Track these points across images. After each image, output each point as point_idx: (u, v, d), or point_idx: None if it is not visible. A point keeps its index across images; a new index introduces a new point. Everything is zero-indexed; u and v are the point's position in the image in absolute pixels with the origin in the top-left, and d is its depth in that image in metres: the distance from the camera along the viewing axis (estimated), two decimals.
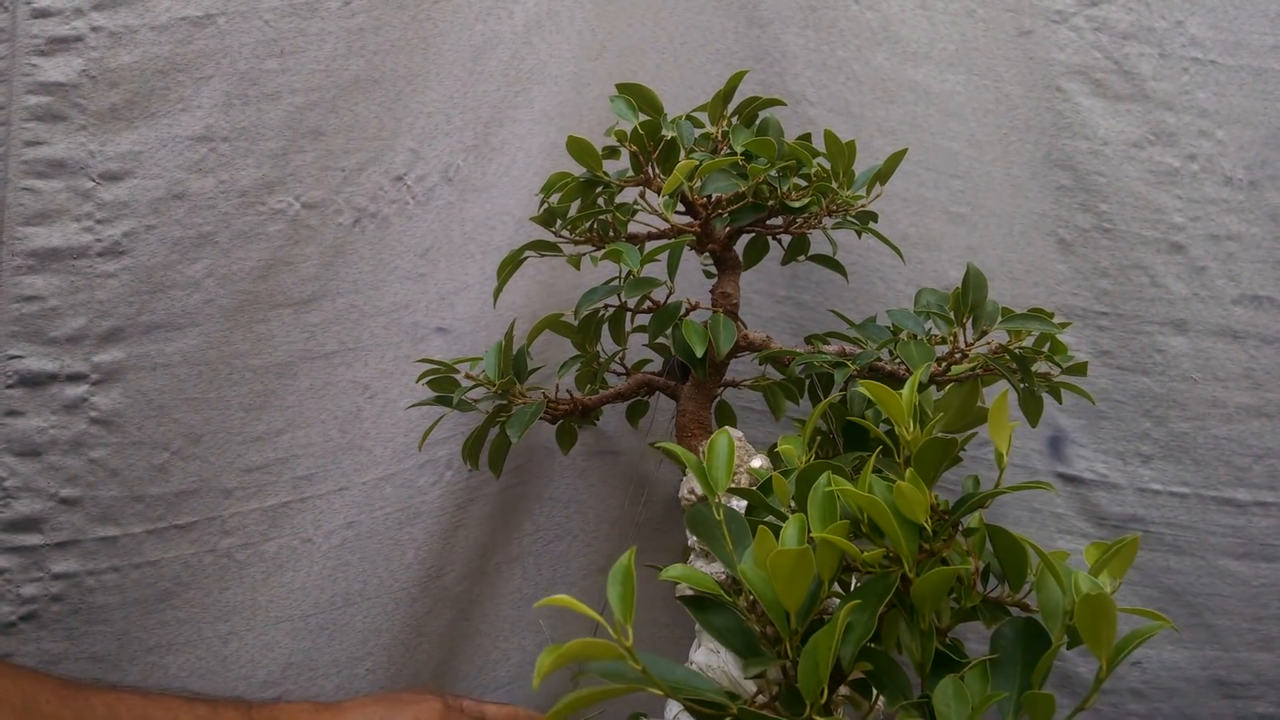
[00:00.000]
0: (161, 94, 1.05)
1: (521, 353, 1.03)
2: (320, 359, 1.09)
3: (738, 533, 0.74)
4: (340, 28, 1.10)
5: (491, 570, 1.19)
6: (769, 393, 1.06)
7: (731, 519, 0.74)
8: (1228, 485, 1.27)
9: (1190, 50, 1.23)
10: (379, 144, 1.12)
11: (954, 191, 1.25)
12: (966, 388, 0.96)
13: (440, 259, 1.14)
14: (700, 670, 0.85)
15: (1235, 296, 1.25)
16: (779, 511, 0.75)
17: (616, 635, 0.61)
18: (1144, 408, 1.27)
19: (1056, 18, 1.22)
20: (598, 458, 1.21)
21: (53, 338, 1.03)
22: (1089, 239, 1.25)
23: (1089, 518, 1.28)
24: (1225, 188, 1.24)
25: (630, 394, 1.06)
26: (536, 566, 1.21)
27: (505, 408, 1.01)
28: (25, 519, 1.03)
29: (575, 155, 0.94)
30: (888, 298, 1.26)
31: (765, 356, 1.00)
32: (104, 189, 1.04)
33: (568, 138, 0.93)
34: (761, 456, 0.93)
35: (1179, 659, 1.30)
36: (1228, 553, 1.27)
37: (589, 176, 0.96)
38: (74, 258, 1.04)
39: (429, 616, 1.18)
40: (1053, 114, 1.23)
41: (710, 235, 0.98)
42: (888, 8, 1.22)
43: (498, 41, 1.16)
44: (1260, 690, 1.30)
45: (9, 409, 1.03)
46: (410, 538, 1.15)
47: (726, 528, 0.73)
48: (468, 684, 1.20)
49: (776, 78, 1.22)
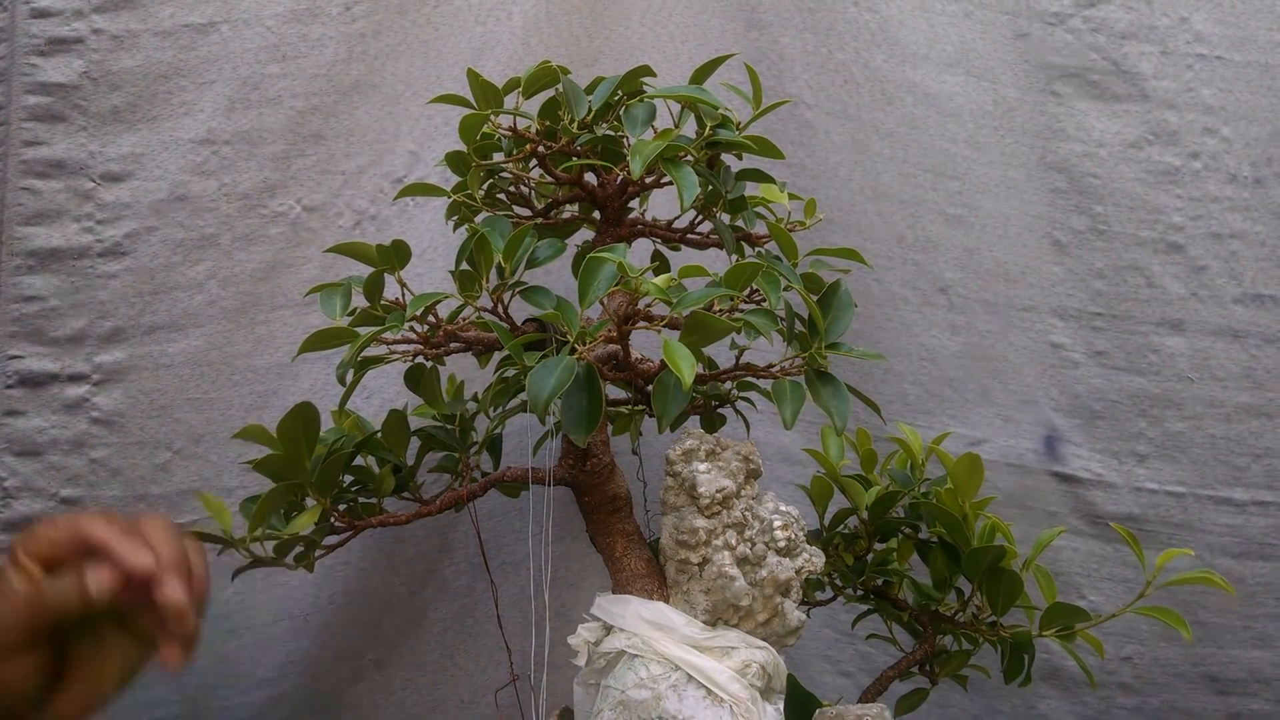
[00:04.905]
0: (164, 98, 1.03)
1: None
2: (321, 360, 1.06)
3: None
4: (341, 33, 1.07)
5: (493, 570, 1.17)
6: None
7: None
8: (1225, 484, 1.23)
9: (1195, 47, 1.18)
10: (379, 147, 1.10)
11: (950, 193, 1.21)
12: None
13: (438, 259, 1.11)
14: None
15: (1237, 295, 1.21)
16: None
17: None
18: (1139, 407, 1.23)
19: (1054, 20, 1.18)
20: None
21: (53, 338, 1.02)
22: (1084, 240, 1.21)
23: (1084, 516, 1.25)
24: (1229, 185, 1.19)
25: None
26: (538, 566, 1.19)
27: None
28: (25, 519, 1.01)
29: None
30: (883, 299, 1.22)
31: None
32: (104, 190, 1.02)
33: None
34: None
35: (1171, 655, 1.26)
36: (1225, 551, 1.23)
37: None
38: (74, 258, 1.02)
39: (430, 609, 1.16)
40: (1048, 117, 1.19)
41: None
42: (887, 10, 1.18)
43: (496, 44, 1.13)
44: (1255, 688, 1.27)
45: (9, 409, 1.01)
46: (409, 534, 1.13)
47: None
48: (469, 683, 1.18)
49: (775, 80, 1.18)
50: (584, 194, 0.88)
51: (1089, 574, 1.25)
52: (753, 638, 0.81)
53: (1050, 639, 0.87)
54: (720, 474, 0.81)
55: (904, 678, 0.93)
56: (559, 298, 0.76)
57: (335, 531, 0.84)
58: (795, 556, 0.82)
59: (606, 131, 0.83)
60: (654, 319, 0.76)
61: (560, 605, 0.84)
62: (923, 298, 1.22)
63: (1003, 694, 1.15)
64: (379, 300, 0.80)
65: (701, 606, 0.81)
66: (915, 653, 0.92)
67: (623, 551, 0.86)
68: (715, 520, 0.80)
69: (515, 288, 0.79)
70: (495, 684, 1.00)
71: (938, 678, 0.93)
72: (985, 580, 0.85)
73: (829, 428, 0.93)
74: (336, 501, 0.85)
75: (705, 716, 0.77)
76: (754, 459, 0.83)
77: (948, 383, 1.23)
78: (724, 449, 0.83)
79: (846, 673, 1.25)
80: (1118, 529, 0.89)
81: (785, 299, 0.76)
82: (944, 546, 0.89)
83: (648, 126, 0.81)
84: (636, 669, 0.80)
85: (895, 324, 1.22)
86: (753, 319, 0.74)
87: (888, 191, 1.20)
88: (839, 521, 0.94)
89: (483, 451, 0.93)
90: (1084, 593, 1.24)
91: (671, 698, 0.78)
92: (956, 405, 1.23)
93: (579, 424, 0.71)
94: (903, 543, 0.93)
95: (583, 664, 0.84)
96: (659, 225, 0.93)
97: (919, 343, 1.23)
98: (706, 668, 0.79)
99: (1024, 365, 1.23)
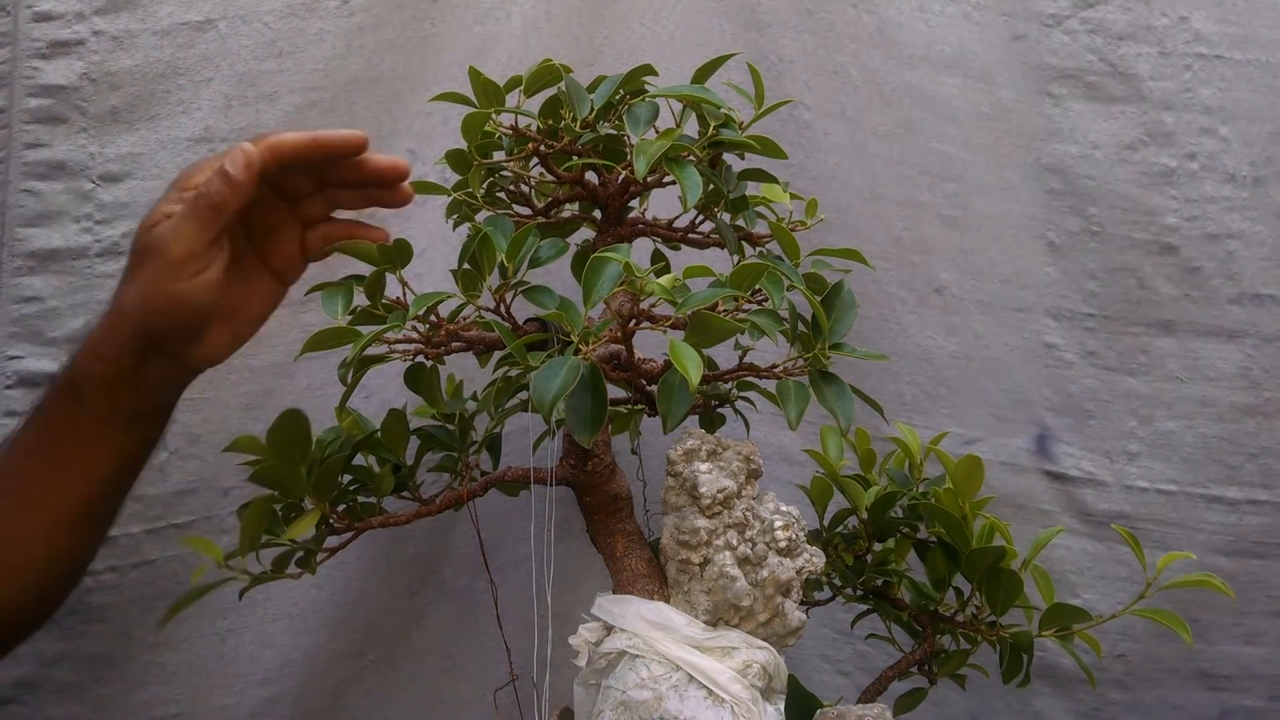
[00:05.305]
0: (162, 97, 1.02)
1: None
2: (318, 359, 1.04)
3: None
4: (339, 27, 1.06)
5: (493, 570, 1.17)
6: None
7: None
8: (1218, 483, 1.23)
9: (1194, 46, 1.17)
10: (377, 143, 1.05)
11: (947, 195, 1.21)
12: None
13: (437, 259, 1.10)
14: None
15: (1233, 296, 1.21)
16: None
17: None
18: (1129, 407, 1.23)
19: (1051, 21, 1.17)
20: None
21: (52, 338, 1.00)
22: (1078, 242, 1.21)
23: (1075, 514, 1.25)
24: (1227, 185, 1.19)
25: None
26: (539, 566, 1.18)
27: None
28: None
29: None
30: (880, 299, 1.22)
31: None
32: (104, 190, 1.01)
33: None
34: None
35: (1163, 651, 1.26)
36: (1217, 549, 1.23)
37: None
38: (73, 258, 1.01)
39: (430, 609, 1.15)
40: (1044, 118, 1.19)
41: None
42: (885, 11, 1.18)
43: (496, 43, 1.11)
44: (1248, 684, 1.27)
45: (8, 409, 1.00)
46: (409, 532, 1.12)
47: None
48: (469, 683, 1.17)
49: (775, 80, 1.17)
50: (585, 193, 0.87)
51: (1081, 572, 1.25)
52: (754, 638, 0.81)
53: (1049, 639, 0.87)
54: (721, 474, 0.80)
55: (903, 677, 0.92)
56: (562, 297, 0.76)
57: (335, 533, 0.84)
58: (796, 557, 0.82)
59: (608, 130, 0.83)
60: (657, 319, 0.76)
61: (561, 605, 0.83)
62: (919, 298, 1.22)
63: (998, 692, 1.14)
64: (380, 299, 0.79)
65: (702, 607, 0.80)
66: (914, 653, 0.92)
67: (623, 551, 0.85)
68: (716, 520, 0.80)
69: (518, 287, 0.78)
70: (495, 684, 1.00)
71: (936, 677, 0.93)
72: (985, 580, 0.85)
73: (828, 428, 0.93)
74: (336, 502, 0.84)
75: (707, 717, 0.77)
76: (755, 459, 0.83)
77: (944, 383, 1.23)
78: (725, 449, 0.82)
79: (846, 673, 1.25)
80: (1119, 530, 0.89)
81: (789, 299, 0.76)
82: (943, 547, 0.89)
83: (650, 126, 0.81)
84: (637, 669, 0.79)
85: (892, 324, 1.22)
86: (757, 319, 0.73)
87: (885, 193, 1.20)
88: (839, 522, 0.93)
89: (482, 451, 0.92)
90: (1077, 590, 1.24)
91: (673, 698, 0.77)
92: (952, 405, 1.23)
93: (584, 425, 0.71)
94: (900, 542, 0.93)
95: (583, 664, 0.83)
96: (660, 224, 0.92)
97: (915, 343, 1.23)
98: (708, 668, 0.78)
99: (1018, 365, 1.23)
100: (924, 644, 0.91)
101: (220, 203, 0.70)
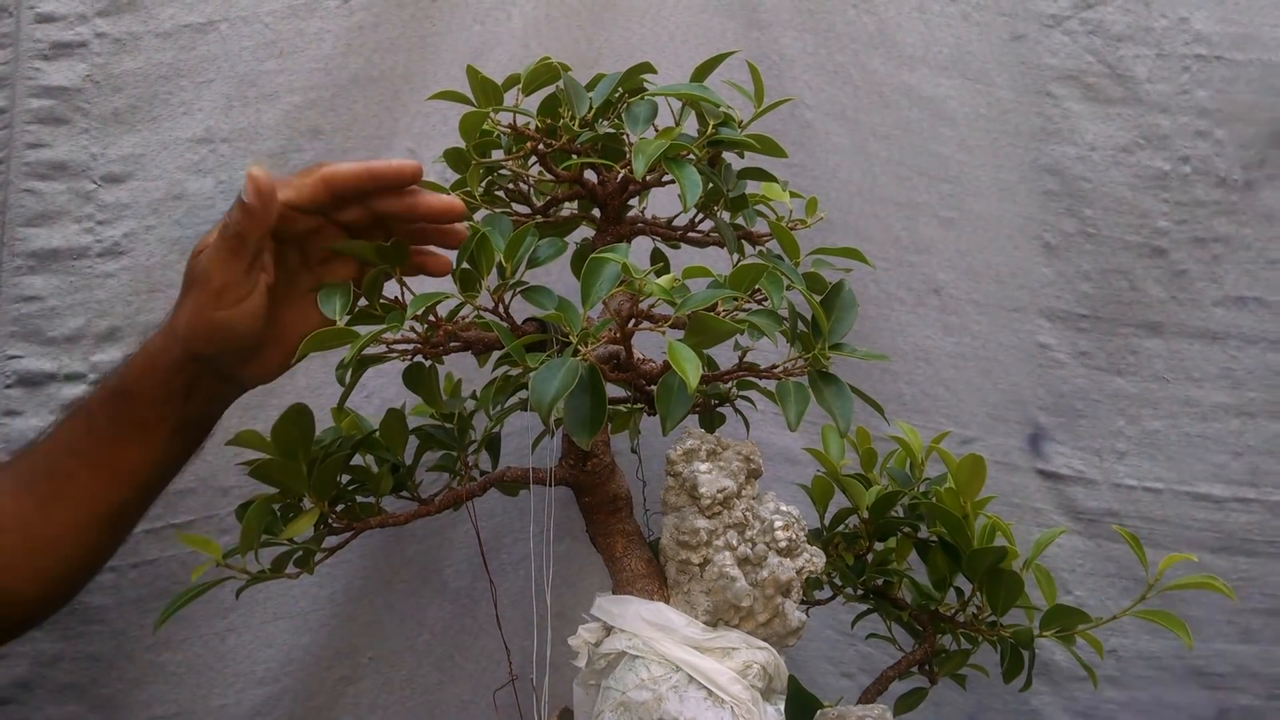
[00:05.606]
0: (164, 98, 1.02)
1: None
2: (318, 358, 1.03)
3: None
4: (339, 26, 1.06)
5: (493, 570, 1.16)
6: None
7: None
8: (1204, 481, 1.24)
9: (1194, 47, 1.17)
10: (377, 143, 1.08)
11: (944, 195, 1.20)
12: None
13: None
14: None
15: (1217, 298, 1.21)
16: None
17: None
18: (1118, 406, 1.23)
19: (1050, 22, 1.17)
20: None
21: (51, 337, 1.00)
22: (1073, 243, 1.21)
23: (1066, 512, 1.25)
24: (1218, 189, 1.19)
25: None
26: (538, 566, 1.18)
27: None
28: None
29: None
30: (879, 299, 1.21)
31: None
32: (105, 191, 1.00)
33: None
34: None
35: (1155, 649, 1.26)
36: (1205, 546, 1.24)
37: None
38: (74, 258, 1.00)
39: (430, 609, 1.15)
40: (1042, 119, 1.19)
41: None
42: (885, 12, 1.17)
43: (496, 43, 1.11)
44: (1243, 682, 1.27)
45: (8, 409, 0.99)
46: (408, 532, 1.12)
47: None
48: (469, 683, 1.17)
49: (775, 80, 1.16)
50: (584, 192, 0.86)
51: (1074, 569, 1.25)
52: (754, 638, 0.80)
53: (1050, 639, 0.87)
54: (721, 474, 0.79)
55: (903, 677, 0.92)
56: (560, 298, 0.75)
57: (334, 533, 0.83)
58: (796, 557, 0.81)
59: (607, 129, 0.82)
60: (657, 320, 0.75)
61: (560, 606, 0.82)
62: (917, 298, 1.22)
63: (996, 690, 1.14)
64: (378, 299, 0.78)
65: (702, 607, 0.79)
66: (915, 653, 0.91)
67: (623, 552, 0.84)
68: (716, 520, 0.79)
69: (516, 287, 0.77)
70: (494, 684, 0.99)
71: (937, 677, 0.92)
72: (986, 580, 0.84)
73: (829, 427, 0.92)
74: (335, 502, 0.83)
75: (707, 718, 0.76)
76: (755, 459, 0.82)
77: (941, 382, 1.23)
78: (725, 449, 0.82)
79: (847, 673, 1.25)
80: (1120, 532, 0.88)
81: (789, 299, 0.75)
82: (944, 546, 0.88)
83: (649, 124, 0.80)
84: (637, 670, 0.78)
85: (891, 324, 1.22)
86: (757, 320, 0.72)
87: (884, 193, 1.20)
88: (839, 521, 0.92)
89: (481, 450, 0.91)
90: (1070, 588, 1.25)
91: (673, 699, 0.77)
92: (950, 404, 1.23)
93: (583, 426, 0.70)
94: (901, 542, 0.92)
95: (583, 665, 0.82)
96: (659, 223, 0.91)
97: (913, 343, 1.22)
98: (708, 669, 0.77)
99: (1012, 365, 1.23)
100: (924, 644, 0.91)
101: (242, 231, 0.70)
